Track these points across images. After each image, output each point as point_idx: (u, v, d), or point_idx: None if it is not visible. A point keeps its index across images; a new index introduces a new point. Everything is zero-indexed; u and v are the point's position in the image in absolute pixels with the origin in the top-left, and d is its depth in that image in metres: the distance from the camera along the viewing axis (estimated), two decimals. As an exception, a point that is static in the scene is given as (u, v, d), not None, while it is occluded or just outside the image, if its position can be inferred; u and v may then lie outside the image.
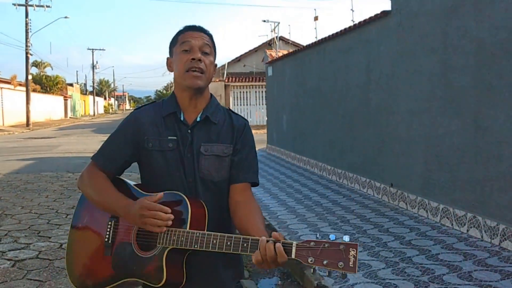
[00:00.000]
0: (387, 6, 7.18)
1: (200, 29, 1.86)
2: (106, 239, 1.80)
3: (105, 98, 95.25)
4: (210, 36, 1.87)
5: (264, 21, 18.83)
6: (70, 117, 52.07)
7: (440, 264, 4.41)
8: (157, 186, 1.81)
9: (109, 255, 1.78)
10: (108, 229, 1.81)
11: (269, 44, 25.17)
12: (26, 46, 32.75)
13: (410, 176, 6.61)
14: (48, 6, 34.06)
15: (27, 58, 32.89)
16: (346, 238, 1.45)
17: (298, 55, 11.85)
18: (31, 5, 33.56)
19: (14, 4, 32.96)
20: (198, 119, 1.85)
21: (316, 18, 12.21)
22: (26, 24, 33.05)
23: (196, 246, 1.63)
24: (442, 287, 3.86)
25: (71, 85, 57.51)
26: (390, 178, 7.16)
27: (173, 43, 1.87)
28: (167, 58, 1.92)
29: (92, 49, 68.73)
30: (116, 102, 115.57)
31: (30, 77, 33.83)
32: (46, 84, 47.55)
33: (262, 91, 26.11)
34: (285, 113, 12.76)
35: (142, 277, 1.71)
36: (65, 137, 22.79)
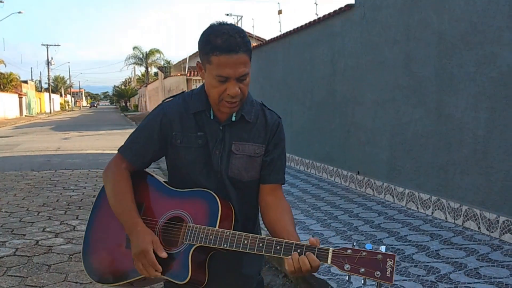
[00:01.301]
0: (351, 0, 7.41)
1: (237, 49, 1.61)
2: None
3: (61, 95, 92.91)
4: (247, 48, 1.65)
5: (227, 14, 18.86)
6: (25, 115, 50.52)
7: (409, 244, 4.67)
8: (184, 181, 1.78)
9: (130, 249, 1.73)
10: None
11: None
12: (-22, 42, 31.57)
13: (376, 164, 6.89)
14: (0, 1, 32.94)
15: (-21, 55, 31.74)
16: (383, 248, 1.46)
17: (263, 48, 12.00)
18: (-18, 0, 32.40)
19: (-36, -1, 31.72)
20: (233, 118, 1.76)
21: (280, 12, 12.37)
22: (-22, 19, 31.87)
23: (225, 246, 1.61)
24: (413, 266, 4.10)
25: (25, 82, 55.80)
26: (357, 166, 7.42)
27: (205, 56, 1.66)
28: (197, 63, 1.75)
29: (47, 45, 66.70)
30: (72, 99, 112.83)
31: (-17, 74, 32.68)
32: (-1, 81, 45.97)
33: (224, 85, 26.01)
34: (250, 106, 12.87)
35: (165, 273, 1.66)
36: (24, 136, 22.18)
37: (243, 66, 1.63)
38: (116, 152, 1.90)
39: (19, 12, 36.87)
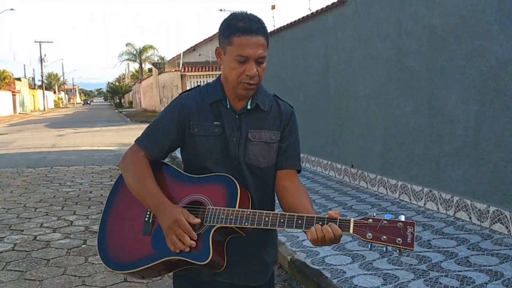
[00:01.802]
0: (343, -5, 7.48)
1: (258, 32, 1.73)
2: (146, 219, 1.80)
3: (54, 92, 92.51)
4: (266, 33, 1.77)
5: (221, 10, 18.85)
6: (19, 113, 50.37)
7: (402, 235, 4.76)
8: (201, 171, 1.82)
9: (148, 235, 1.77)
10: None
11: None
12: (-30, 40, 31.39)
13: (370, 157, 6.98)
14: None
15: (-28, 53, 31.55)
16: (402, 218, 1.51)
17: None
18: (-26, -3, 32.16)
19: (-45, -4, 31.47)
20: (249, 107, 1.84)
21: (273, 7, 12.43)
22: (-31, 17, 31.70)
23: (246, 224, 1.64)
24: (405, 255, 4.19)
25: (18, 79, 55.56)
26: (351, 160, 7.51)
27: (226, 38, 1.75)
28: (217, 48, 1.82)
29: (40, 42, 66.35)
30: (66, 96, 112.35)
31: (-24, 72, 32.52)
32: (-8, 79, 45.80)
33: (219, 81, 26.05)
34: (245, 101, 12.93)
35: (185, 256, 1.68)
36: (18, 133, 22.16)
37: (262, 48, 1.73)
38: (110, 149, 1.93)
39: (11, 9, 36.65)
